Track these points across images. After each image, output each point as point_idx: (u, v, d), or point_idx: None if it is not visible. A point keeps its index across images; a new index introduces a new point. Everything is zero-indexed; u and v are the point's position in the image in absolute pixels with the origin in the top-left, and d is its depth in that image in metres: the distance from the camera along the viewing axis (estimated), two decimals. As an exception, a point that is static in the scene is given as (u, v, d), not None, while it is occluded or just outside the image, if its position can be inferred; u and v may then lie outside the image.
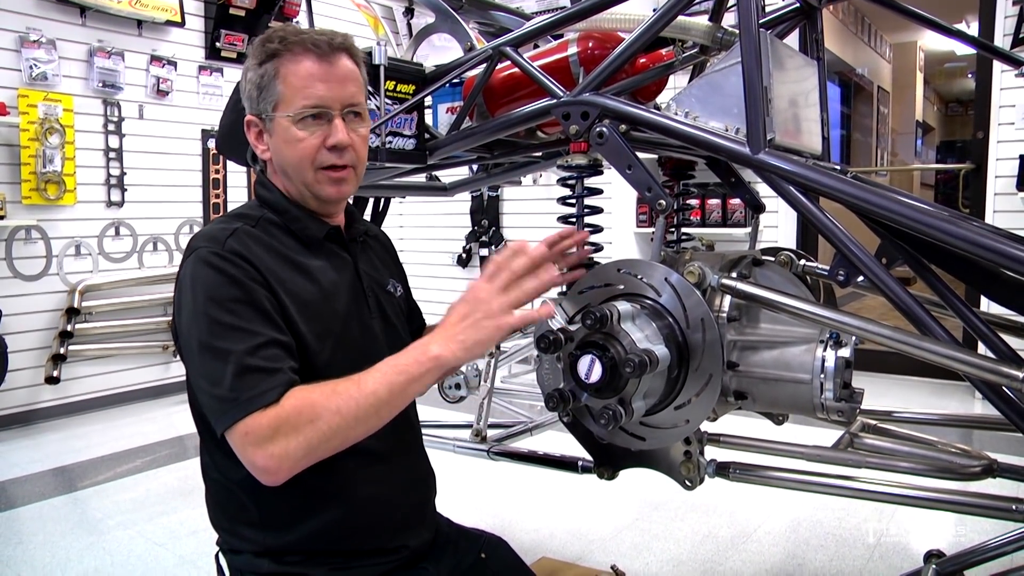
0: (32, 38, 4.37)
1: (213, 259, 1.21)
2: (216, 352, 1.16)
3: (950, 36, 2.02)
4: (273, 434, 1.11)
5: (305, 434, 1.11)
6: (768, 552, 2.67)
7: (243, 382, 1.14)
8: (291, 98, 1.28)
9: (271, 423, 1.12)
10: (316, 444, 1.12)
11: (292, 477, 1.24)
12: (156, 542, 2.84)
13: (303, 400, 1.13)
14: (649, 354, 1.25)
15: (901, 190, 1.64)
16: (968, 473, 1.50)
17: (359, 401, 1.12)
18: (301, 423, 1.11)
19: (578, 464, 1.75)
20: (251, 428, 1.12)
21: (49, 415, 4.60)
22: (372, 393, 1.13)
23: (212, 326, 1.17)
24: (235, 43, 5.28)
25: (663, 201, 1.41)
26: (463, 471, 3.19)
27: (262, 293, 1.22)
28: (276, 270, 1.26)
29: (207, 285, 1.20)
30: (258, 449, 1.12)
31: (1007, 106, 4.40)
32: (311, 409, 1.12)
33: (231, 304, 1.19)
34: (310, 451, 1.12)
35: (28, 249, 4.46)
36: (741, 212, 4.90)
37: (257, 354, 1.16)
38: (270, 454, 1.11)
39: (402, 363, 1.15)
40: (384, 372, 1.14)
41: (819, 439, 1.65)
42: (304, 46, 1.29)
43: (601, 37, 1.66)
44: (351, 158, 1.33)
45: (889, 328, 1.23)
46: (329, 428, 1.12)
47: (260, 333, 1.18)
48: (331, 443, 1.14)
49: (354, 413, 1.12)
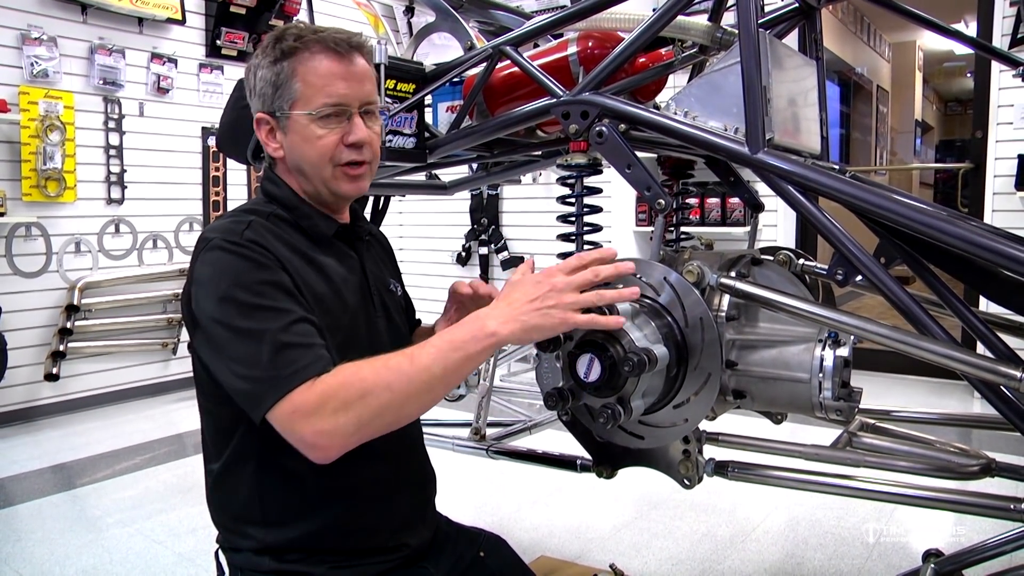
0: (34, 35, 4.38)
1: (233, 247, 1.21)
2: (249, 334, 1.14)
3: (948, 36, 2.03)
4: (320, 408, 1.09)
5: (356, 409, 1.09)
6: (767, 551, 2.67)
7: (283, 358, 1.12)
8: (311, 96, 1.29)
9: (319, 398, 1.10)
10: (367, 420, 1.10)
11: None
12: (155, 540, 2.85)
13: (353, 375, 1.11)
14: (648, 353, 1.25)
15: (900, 189, 1.65)
16: (967, 472, 1.51)
17: (411, 377, 1.10)
18: (351, 398, 1.09)
19: (577, 463, 1.76)
20: (297, 403, 1.10)
21: (48, 412, 4.60)
22: (426, 368, 1.11)
23: (241, 309, 1.16)
24: (236, 41, 5.28)
25: (662, 200, 1.42)
26: (462, 469, 3.20)
27: (285, 276, 1.22)
28: (293, 262, 1.27)
29: (231, 271, 1.19)
30: (307, 424, 1.10)
31: (1006, 106, 4.41)
32: (361, 383, 1.10)
33: (258, 287, 1.18)
34: (360, 427, 1.10)
35: (28, 246, 4.47)
36: (740, 211, 4.91)
37: (291, 330, 1.15)
38: (319, 430, 1.09)
39: (458, 338, 1.12)
40: (439, 347, 1.12)
41: (818, 438, 1.65)
42: (323, 44, 1.29)
43: (601, 36, 1.66)
44: (369, 154, 1.34)
45: (888, 327, 1.23)
46: (380, 404, 1.10)
47: (291, 311, 1.17)
48: (383, 419, 1.12)
49: (405, 389, 1.10)
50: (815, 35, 1.76)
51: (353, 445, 1.12)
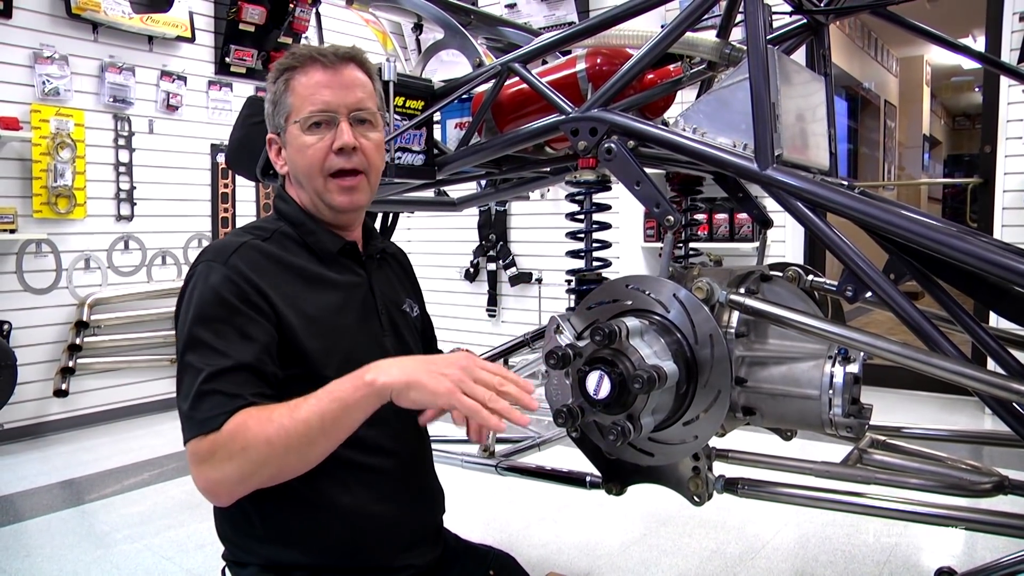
0: (46, 54, 4.41)
1: (211, 275, 1.24)
2: (188, 368, 1.19)
3: (957, 52, 2.03)
4: (210, 458, 1.12)
5: (237, 461, 1.11)
6: (777, 568, 2.65)
7: (200, 403, 1.15)
8: (300, 106, 1.32)
9: (209, 447, 1.12)
10: (249, 472, 1.12)
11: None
12: (163, 555, 2.84)
13: (238, 426, 1.12)
14: (658, 370, 1.25)
15: (908, 205, 1.64)
16: (979, 490, 1.50)
17: (289, 431, 1.10)
18: (234, 450, 1.11)
19: (586, 479, 1.75)
20: (194, 450, 1.14)
21: (57, 428, 4.61)
22: (303, 422, 1.10)
23: (191, 342, 1.20)
24: (244, 58, 5.32)
25: (671, 217, 1.42)
26: (471, 486, 3.19)
27: (249, 316, 1.22)
28: (283, 285, 1.27)
29: (198, 301, 1.22)
30: (197, 471, 1.14)
31: (1015, 120, 4.40)
32: (243, 436, 1.11)
33: (214, 324, 1.20)
34: (244, 478, 1.13)
35: (38, 263, 4.49)
36: (748, 227, 4.90)
37: (221, 378, 1.16)
38: (207, 477, 1.13)
39: (338, 389, 1.12)
40: (319, 399, 1.12)
41: (828, 455, 1.65)
42: (314, 59, 1.33)
43: (609, 53, 1.67)
44: (360, 162, 1.34)
45: (897, 344, 1.23)
46: (260, 456, 1.11)
47: (231, 357, 1.18)
48: (265, 471, 1.13)
49: (284, 443, 1.10)
50: (823, 51, 1.76)
51: (242, 493, 1.15)
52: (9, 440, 4.37)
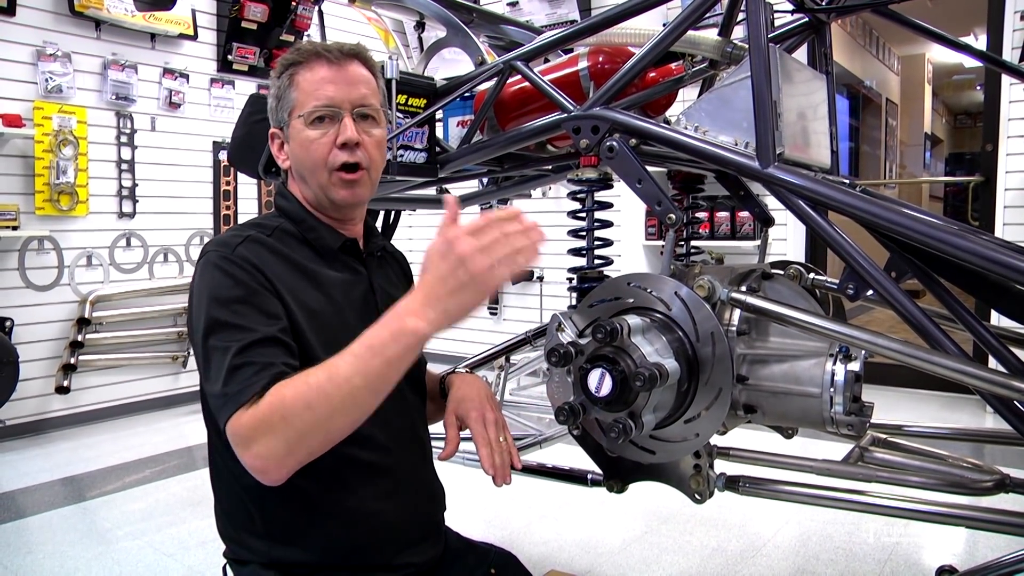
0: (48, 51, 4.42)
1: (220, 262, 1.24)
2: (214, 350, 1.17)
3: (958, 50, 2.03)
4: (253, 433, 1.08)
5: (280, 433, 1.07)
6: (778, 566, 2.65)
7: (233, 377, 1.13)
8: (304, 101, 1.32)
9: (250, 422, 1.09)
10: (295, 441, 1.07)
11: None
12: (165, 552, 2.85)
13: (276, 396, 1.09)
14: (659, 368, 1.25)
15: (910, 203, 1.65)
16: (980, 488, 1.50)
17: (330, 393, 1.06)
18: (275, 421, 1.07)
19: (587, 477, 1.75)
20: (234, 427, 1.10)
21: (59, 425, 4.61)
22: (346, 381, 1.05)
23: (212, 325, 1.18)
24: (247, 56, 5.32)
25: (673, 215, 1.42)
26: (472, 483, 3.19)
27: (266, 296, 1.23)
28: (286, 278, 1.27)
29: (212, 286, 1.22)
30: (243, 449, 1.10)
31: (1016, 118, 4.40)
32: (281, 406, 1.07)
33: (233, 304, 1.20)
34: (291, 450, 1.08)
35: (40, 259, 4.49)
36: (750, 225, 4.90)
37: (251, 350, 1.15)
38: (255, 454, 1.08)
39: (378, 342, 1.05)
40: (357, 355, 1.06)
41: (829, 453, 1.65)
42: (318, 55, 1.34)
43: (611, 51, 1.67)
44: (363, 157, 1.34)
45: (899, 342, 1.23)
46: (304, 424, 1.06)
47: (256, 331, 1.17)
48: (312, 439, 1.08)
49: (327, 406, 1.06)
50: (824, 49, 1.76)
51: (293, 466, 1.10)
52: (11, 437, 4.38)
